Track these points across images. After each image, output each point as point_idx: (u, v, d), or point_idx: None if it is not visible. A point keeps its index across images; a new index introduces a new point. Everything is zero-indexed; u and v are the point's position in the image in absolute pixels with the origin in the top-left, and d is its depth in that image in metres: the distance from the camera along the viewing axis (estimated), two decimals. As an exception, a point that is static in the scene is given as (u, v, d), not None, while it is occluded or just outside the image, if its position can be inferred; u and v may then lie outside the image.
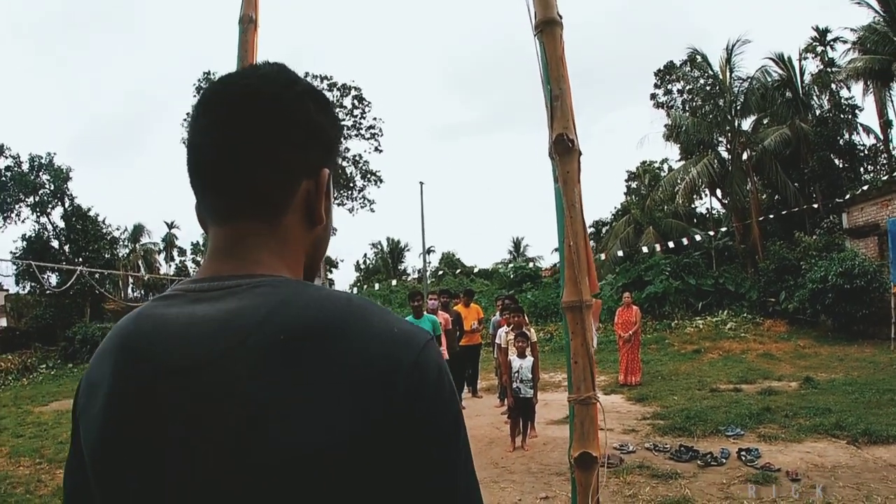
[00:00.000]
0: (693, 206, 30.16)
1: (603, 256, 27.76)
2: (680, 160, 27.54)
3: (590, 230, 37.69)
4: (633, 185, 39.17)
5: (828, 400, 9.08)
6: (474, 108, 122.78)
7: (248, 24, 3.31)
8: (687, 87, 29.04)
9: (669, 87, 30.69)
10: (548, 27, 1.75)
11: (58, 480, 8.09)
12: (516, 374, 7.87)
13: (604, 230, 36.92)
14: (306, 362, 0.70)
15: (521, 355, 7.99)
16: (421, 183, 32.47)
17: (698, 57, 24.97)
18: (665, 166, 34.26)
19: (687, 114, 25.61)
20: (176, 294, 0.81)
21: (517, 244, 57.58)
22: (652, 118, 49.49)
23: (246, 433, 0.68)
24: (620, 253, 25.61)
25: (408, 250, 59.93)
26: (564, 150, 1.71)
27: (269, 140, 0.81)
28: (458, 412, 0.78)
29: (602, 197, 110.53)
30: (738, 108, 22.99)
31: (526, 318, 12.82)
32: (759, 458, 6.46)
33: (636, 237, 27.53)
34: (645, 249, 23.89)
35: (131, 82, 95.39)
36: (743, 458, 6.48)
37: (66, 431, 11.63)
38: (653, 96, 31.46)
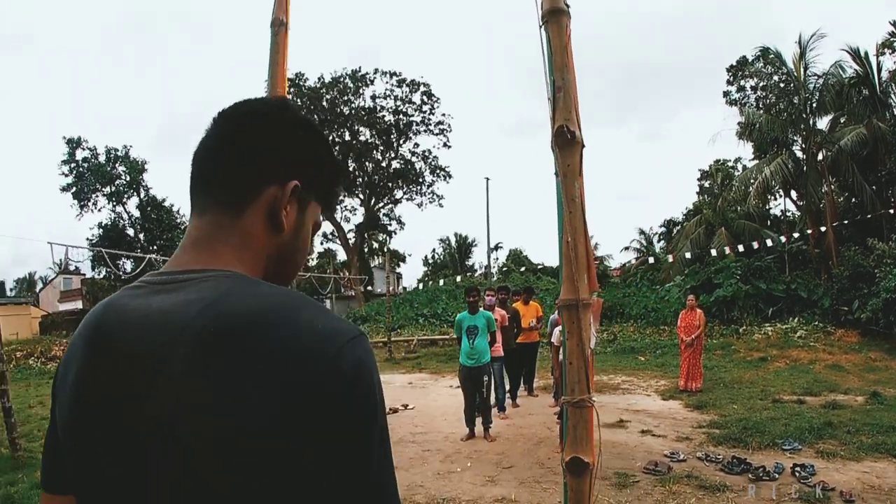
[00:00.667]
0: (767, 207, 28.99)
1: (671, 258, 27.06)
2: (753, 159, 26.52)
3: (661, 229, 36.99)
4: (706, 184, 38.09)
5: (893, 418, 8.57)
6: (545, 105, 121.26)
7: (279, 27, 3.45)
8: (760, 84, 28.01)
9: (742, 83, 29.67)
10: (554, 17, 1.68)
11: None
12: (568, 375, 7.77)
13: (675, 230, 36.04)
14: (230, 354, 0.77)
15: (574, 356, 7.88)
16: (487, 179, 32.57)
17: (771, 53, 23.97)
18: (739, 165, 33.13)
19: (760, 111, 24.61)
20: (141, 285, 0.91)
21: (586, 243, 56.76)
22: (724, 115, 47.93)
23: (177, 416, 0.76)
24: (688, 255, 24.87)
25: (475, 246, 60.02)
26: (565, 143, 1.65)
27: (248, 145, 0.95)
28: (374, 408, 0.82)
29: (674, 196, 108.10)
30: (814, 105, 21.96)
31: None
32: (813, 475, 6.14)
33: (707, 238, 26.67)
34: (714, 252, 23.13)
35: (207, 81, 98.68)
36: (797, 474, 6.17)
37: None
38: (725, 93, 30.42)
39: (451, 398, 11.08)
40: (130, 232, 32.20)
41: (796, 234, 23.68)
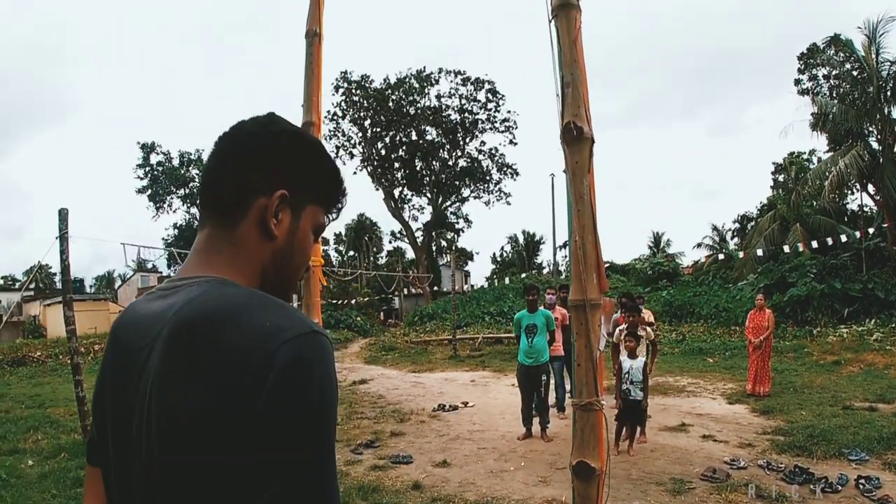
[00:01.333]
0: (843, 202, 27.68)
1: (741, 255, 26.14)
2: (828, 151, 25.24)
3: (734, 225, 35.76)
4: (780, 178, 36.68)
5: (969, 429, 8.03)
6: (615, 100, 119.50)
7: (313, 37, 3.57)
8: (832, 73, 26.72)
9: (814, 72, 28.39)
10: (564, 11, 1.63)
11: None
12: (626, 375, 7.61)
13: (749, 226, 34.87)
14: (192, 347, 0.88)
15: (632, 356, 7.72)
16: (552, 175, 32.21)
17: (841, 40, 22.79)
18: (814, 158, 31.74)
19: (833, 101, 23.44)
20: (154, 291, 1.08)
21: (657, 239, 55.54)
22: (797, 106, 45.90)
23: (152, 397, 0.89)
24: (760, 252, 23.92)
25: (543, 243, 59.59)
26: (573, 139, 1.60)
27: (235, 163, 1.06)
28: (311, 402, 0.87)
29: (749, 191, 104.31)
30: (888, 94, 20.73)
31: (649, 316, 12.37)
32: (878, 488, 5.80)
33: (781, 235, 25.59)
34: (786, 248, 22.18)
35: (280, 83, 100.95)
36: (861, 486, 5.83)
37: None
38: (797, 82, 29.20)
39: (512, 396, 11.01)
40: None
41: (871, 230, 22.48)
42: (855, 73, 23.19)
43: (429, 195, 42.82)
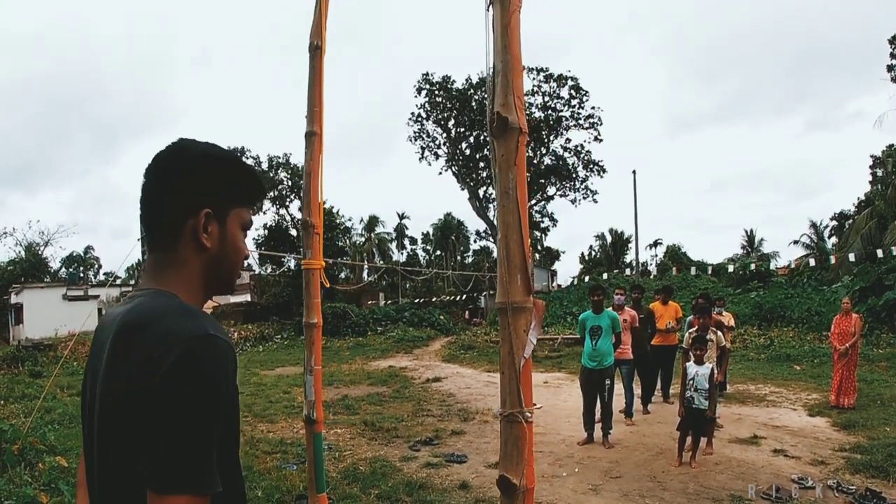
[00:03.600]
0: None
1: (833, 258, 24.59)
2: (927, 141, 23.36)
3: (832, 223, 33.96)
4: (879, 172, 34.28)
5: None
6: (708, 98, 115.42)
7: (314, 50, 3.64)
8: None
9: (909, 56, 26.29)
10: (500, -4, 1.56)
11: (255, 432, 9.14)
12: (691, 382, 7.26)
13: (846, 224, 32.86)
14: (126, 341, 1.17)
15: (699, 361, 7.37)
16: (633, 171, 31.40)
17: None
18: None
19: (931, 87, 21.61)
20: (124, 298, 1.34)
21: (751, 238, 53.37)
22: (891, 93, 42.46)
23: (103, 377, 1.20)
24: (852, 257, 22.36)
25: (630, 242, 58.21)
26: (500, 130, 1.51)
27: (163, 193, 1.27)
28: (189, 391, 1.09)
29: (849, 187, 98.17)
30: None
31: (729, 319, 11.83)
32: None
33: (879, 233, 23.84)
34: (879, 254, 20.62)
35: (371, 92, 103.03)
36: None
37: (279, 392, 13.18)
38: (890, 68, 27.09)
39: (581, 400, 10.78)
40: (293, 232, 34.32)
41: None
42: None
43: (514, 194, 42.50)
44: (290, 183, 33.87)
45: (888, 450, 7.30)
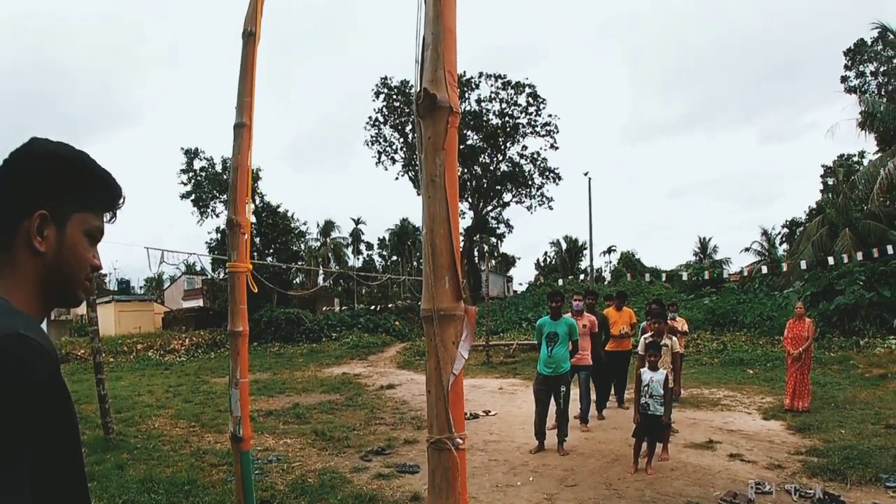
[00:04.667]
0: (895, 206, 26.36)
1: (785, 266, 25.13)
2: (877, 152, 24.02)
3: (783, 230, 34.91)
4: (830, 181, 35.32)
5: None
6: (668, 109, 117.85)
7: (248, 37, 3.42)
8: (881, 69, 25.48)
9: (861, 68, 27.10)
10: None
11: (202, 443, 8.78)
12: (646, 388, 7.17)
13: (798, 231, 33.68)
14: None
15: (653, 367, 7.28)
16: (588, 177, 31.66)
17: (889, 32, 21.67)
18: (864, 160, 30.42)
19: (882, 99, 22.27)
20: None
21: (704, 245, 54.46)
22: (844, 104, 43.94)
23: None
24: (804, 264, 22.84)
25: (585, 249, 58.80)
26: (428, 109, 1.31)
27: (2, 192, 1.18)
28: None
29: (801, 196, 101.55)
30: (936, 90, 19.60)
31: (683, 324, 11.85)
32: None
33: (830, 240, 24.46)
34: (831, 261, 21.11)
35: (331, 95, 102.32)
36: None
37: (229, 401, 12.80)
38: (843, 79, 27.94)
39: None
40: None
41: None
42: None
43: (470, 200, 42.49)
44: (250, 191, 33.26)
45: (844, 452, 7.32)
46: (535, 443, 8.22)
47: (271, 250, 33.96)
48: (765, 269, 27.86)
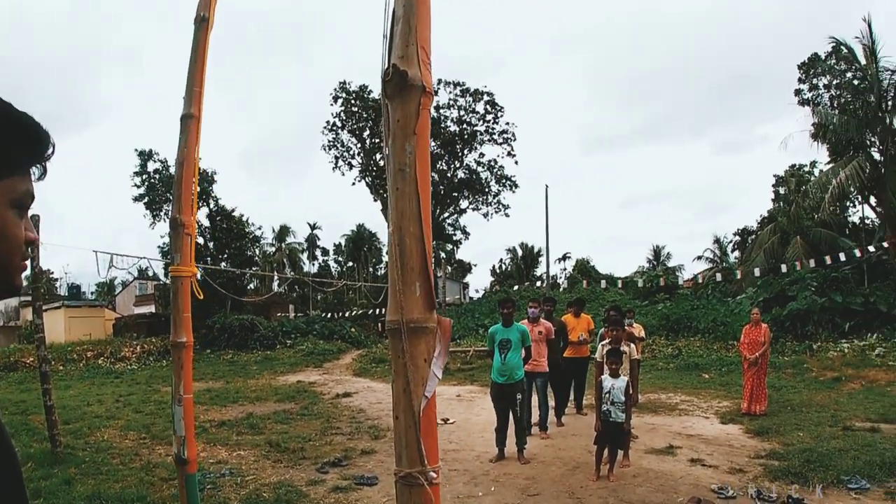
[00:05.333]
0: (845, 214, 27.22)
1: (738, 273, 25.63)
2: (829, 163, 24.73)
3: (735, 238, 36.24)
4: (781, 191, 36.27)
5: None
6: (625, 120, 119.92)
7: (200, 22, 3.23)
8: (833, 82, 26.29)
9: (815, 81, 27.92)
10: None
11: (154, 456, 8.40)
12: (607, 395, 7.10)
13: (749, 239, 34.44)
14: None
15: (614, 374, 7.21)
16: (546, 186, 31.91)
17: (843, 47, 22.34)
18: (815, 170, 31.33)
19: (834, 111, 22.96)
20: None
21: (657, 253, 55.39)
22: (797, 116, 45.47)
23: None
24: (757, 272, 23.33)
25: (541, 256, 59.23)
26: (397, 89, 1.13)
27: None
28: None
29: (752, 206, 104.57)
30: (889, 103, 20.27)
31: (640, 330, 11.87)
32: (880, 522, 5.28)
33: (782, 247, 25.08)
34: (783, 268, 21.60)
35: (289, 99, 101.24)
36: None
37: None
38: (797, 92, 28.73)
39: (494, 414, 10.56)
40: (200, 241, 32.89)
41: (872, 248, 21.90)
42: (856, 82, 22.76)
43: (427, 206, 42.36)
44: (198, 189, 32.46)
45: (804, 455, 7.37)
46: (496, 451, 8.08)
47: (225, 255, 33.23)
48: (719, 276, 28.37)
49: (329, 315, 33.64)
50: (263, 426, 10.56)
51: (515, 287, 37.93)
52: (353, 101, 40.09)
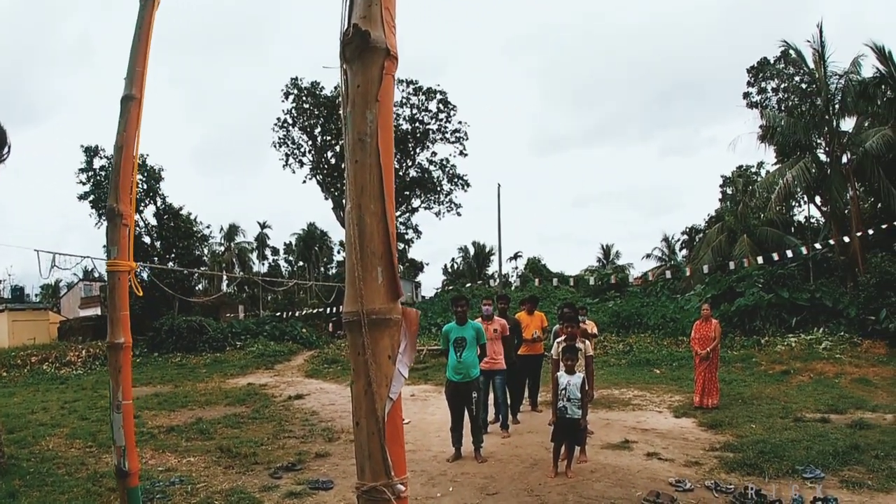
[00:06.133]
0: (791, 213, 28.06)
1: (688, 271, 26.14)
2: (776, 164, 25.48)
3: (683, 237, 37.44)
4: (728, 191, 37.17)
5: (927, 439, 7.73)
6: (578, 122, 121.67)
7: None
8: (782, 86, 27.06)
9: (763, 84, 28.69)
10: None
11: (101, 465, 8.07)
12: (563, 392, 7.06)
13: (697, 238, 35.18)
14: None
15: (570, 371, 7.17)
16: (498, 185, 32.05)
17: (792, 51, 22.97)
18: (762, 171, 32.19)
19: (782, 114, 23.61)
20: None
21: (606, 251, 56.17)
22: (745, 119, 46.87)
23: None
24: (706, 268, 23.84)
25: (493, 255, 59.52)
26: (358, 52, 1.01)
27: None
28: None
29: (701, 206, 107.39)
30: (836, 107, 20.95)
31: (592, 327, 11.92)
32: (837, 510, 5.34)
33: (729, 246, 25.72)
34: (731, 265, 22.11)
35: (241, 96, 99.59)
36: (818, 509, 5.37)
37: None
38: (746, 95, 29.53)
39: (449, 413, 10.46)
40: (147, 240, 31.95)
41: (818, 246, 22.58)
42: (804, 85, 23.39)
43: (379, 204, 42.04)
44: (145, 186, 31.47)
45: (758, 447, 7.49)
46: (452, 451, 7.98)
47: (172, 255, 32.40)
48: (669, 274, 28.87)
49: (280, 315, 33.08)
50: (214, 431, 10.26)
51: (468, 285, 37.95)
52: (304, 98, 39.50)
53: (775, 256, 20.91)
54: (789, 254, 21.17)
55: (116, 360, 2.89)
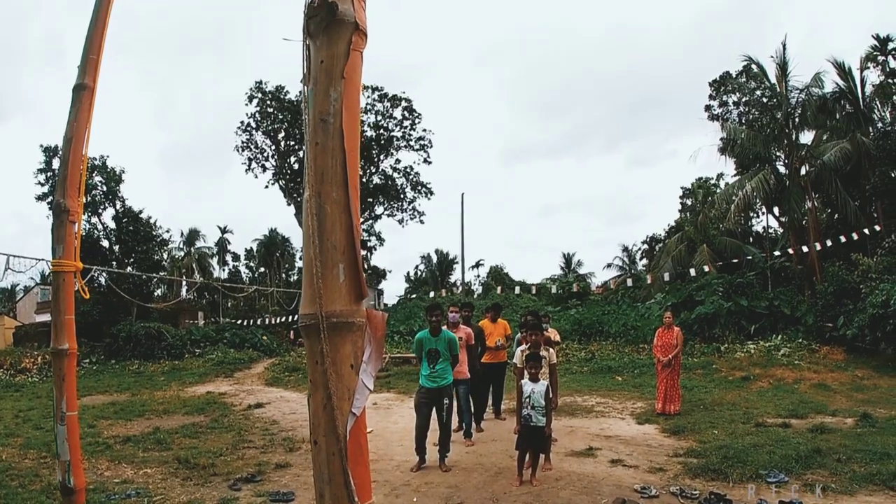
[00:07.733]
0: (749, 224, 28.64)
1: (649, 278, 26.44)
2: (735, 175, 26.01)
3: (643, 246, 38.05)
4: (688, 202, 37.77)
5: (887, 442, 7.86)
6: (543, 133, 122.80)
7: None
8: (743, 99, 27.64)
9: (725, 98, 29.26)
10: None
11: (55, 477, 7.70)
12: (527, 400, 7.01)
13: (657, 247, 35.64)
14: None
15: (534, 379, 7.12)
16: (462, 193, 32.16)
17: (754, 66, 23.47)
18: (721, 182, 32.83)
19: (742, 126, 24.13)
20: None
21: (568, 260, 56.59)
22: (707, 131, 47.70)
23: None
24: (667, 276, 24.15)
25: (456, 263, 59.53)
26: (324, 24, 0.92)
27: None
28: None
29: (660, 216, 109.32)
30: (796, 120, 21.46)
31: (555, 335, 11.92)
32: (802, 513, 5.39)
33: (689, 255, 26.14)
34: (692, 273, 22.44)
35: (206, 100, 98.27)
36: (783, 512, 5.41)
37: (83, 426, 11.51)
38: (707, 108, 30.09)
39: (413, 422, 10.32)
40: (105, 243, 31.14)
41: (777, 253, 23.08)
42: (765, 99, 23.87)
43: (341, 211, 41.77)
44: (104, 188, 30.67)
45: (721, 452, 7.54)
46: (416, 459, 7.86)
47: (131, 259, 31.61)
48: (630, 282, 29.17)
49: (240, 322, 32.51)
50: (171, 441, 9.96)
51: (431, 294, 37.83)
52: (268, 102, 39.10)
53: (735, 261, 21.28)
54: (749, 258, 21.56)
55: (60, 367, 2.70)
